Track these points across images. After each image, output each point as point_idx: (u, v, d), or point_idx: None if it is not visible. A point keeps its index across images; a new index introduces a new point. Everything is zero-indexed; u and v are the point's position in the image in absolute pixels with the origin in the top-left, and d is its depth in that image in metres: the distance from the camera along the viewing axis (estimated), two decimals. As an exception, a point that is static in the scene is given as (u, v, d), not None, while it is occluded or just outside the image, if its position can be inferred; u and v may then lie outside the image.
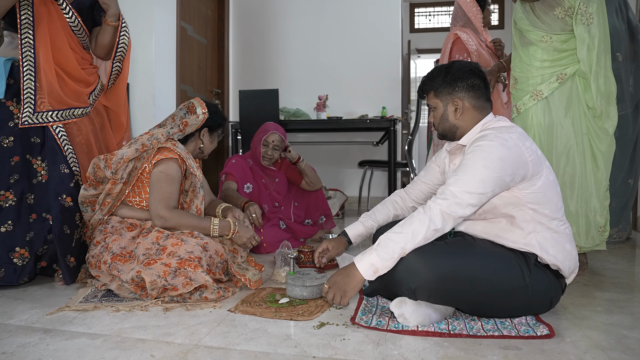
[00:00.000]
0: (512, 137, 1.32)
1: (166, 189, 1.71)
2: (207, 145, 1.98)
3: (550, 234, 1.34)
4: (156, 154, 1.74)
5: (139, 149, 1.73)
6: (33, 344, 1.20)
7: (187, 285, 1.50)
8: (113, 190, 1.76)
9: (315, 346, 1.18)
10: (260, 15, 4.72)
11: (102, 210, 1.76)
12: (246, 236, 1.81)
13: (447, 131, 1.50)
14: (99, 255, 1.65)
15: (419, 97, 1.63)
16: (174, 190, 1.73)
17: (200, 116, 1.86)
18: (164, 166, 1.73)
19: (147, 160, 1.74)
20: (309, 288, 1.53)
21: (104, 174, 1.75)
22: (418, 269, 1.27)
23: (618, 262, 2.20)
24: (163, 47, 3.65)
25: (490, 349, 1.16)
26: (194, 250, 1.56)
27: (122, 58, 2.02)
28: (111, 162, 1.73)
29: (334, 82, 4.52)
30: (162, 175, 1.72)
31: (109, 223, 1.75)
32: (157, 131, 1.78)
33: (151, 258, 1.54)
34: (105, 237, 1.70)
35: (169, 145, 1.76)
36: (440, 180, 1.64)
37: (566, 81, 1.97)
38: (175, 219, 1.69)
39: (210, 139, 1.99)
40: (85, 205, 1.80)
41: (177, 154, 1.75)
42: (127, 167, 1.76)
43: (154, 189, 1.72)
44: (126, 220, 1.77)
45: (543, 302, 1.35)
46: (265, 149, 2.49)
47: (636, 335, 1.26)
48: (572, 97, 1.97)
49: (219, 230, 1.76)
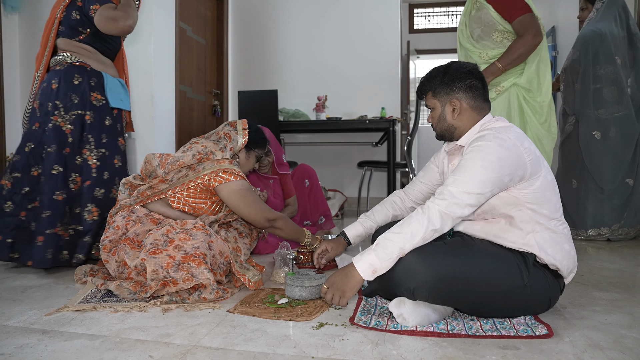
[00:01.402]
0: (510, 138, 1.32)
1: (257, 199, 1.85)
2: (242, 161, 2.03)
3: (548, 234, 1.34)
4: (220, 173, 1.78)
5: (195, 156, 1.82)
6: (31, 345, 1.19)
7: (188, 281, 1.50)
8: (158, 186, 1.83)
9: (314, 346, 1.18)
10: (259, 15, 4.72)
11: (137, 198, 1.82)
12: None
13: (445, 131, 1.50)
14: (117, 241, 1.70)
15: (417, 97, 1.63)
16: (259, 198, 1.91)
17: (238, 132, 1.97)
18: (237, 184, 1.79)
19: (206, 177, 1.78)
20: (308, 289, 1.53)
21: (153, 169, 1.86)
22: (417, 269, 1.27)
23: (617, 262, 2.20)
24: (162, 47, 3.65)
25: (489, 349, 1.16)
26: (201, 246, 1.58)
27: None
28: (166, 162, 1.83)
29: (334, 82, 4.52)
30: (244, 191, 1.81)
31: (134, 212, 1.79)
32: (209, 144, 1.85)
33: (157, 248, 1.57)
34: (127, 224, 1.75)
35: (228, 166, 1.81)
36: (439, 181, 1.65)
37: (504, 92, 2.29)
38: (282, 220, 1.88)
39: (247, 157, 2.05)
40: (126, 187, 1.89)
41: (241, 175, 1.83)
42: (181, 172, 1.82)
43: (248, 204, 1.81)
44: (152, 214, 1.81)
45: (542, 302, 1.35)
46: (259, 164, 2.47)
47: (634, 335, 1.26)
48: (510, 107, 2.29)
49: (312, 240, 1.98)
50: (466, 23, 2.42)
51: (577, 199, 2.83)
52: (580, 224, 2.80)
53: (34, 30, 3.75)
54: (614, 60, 2.69)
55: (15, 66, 3.79)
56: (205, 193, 1.84)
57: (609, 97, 2.70)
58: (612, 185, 2.71)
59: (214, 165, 1.81)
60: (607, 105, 2.70)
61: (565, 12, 4.39)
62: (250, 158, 2.07)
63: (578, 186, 2.83)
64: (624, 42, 2.75)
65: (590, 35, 2.73)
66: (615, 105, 2.69)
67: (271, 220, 1.85)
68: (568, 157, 2.92)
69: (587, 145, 2.75)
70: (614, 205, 2.73)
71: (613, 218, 2.73)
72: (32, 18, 3.76)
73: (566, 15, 4.36)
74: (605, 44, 2.69)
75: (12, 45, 3.77)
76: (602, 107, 2.71)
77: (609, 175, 2.71)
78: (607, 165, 2.71)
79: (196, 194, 1.84)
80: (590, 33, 2.74)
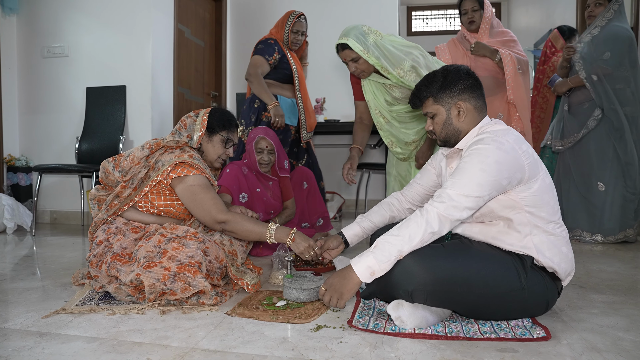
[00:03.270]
0: (508, 141, 1.32)
1: (209, 196, 1.70)
2: (207, 149, 1.88)
3: (546, 237, 1.34)
4: (176, 168, 1.69)
5: (144, 147, 1.75)
6: (28, 347, 1.19)
7: (186, 291, 1.49)
8: (122, 193, 1.76)
9: (312, 349, 1.18)
10: (257, 17, 4.72)
11: (107, 211, 1.76)
12: (304, 245, 1.67)
13: (451, 136, 1.47)
14: (101, 255, 1.64)
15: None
16: (215, 195, 1.73)
17: (197, 118, 1.84)
18: (191, 179, 1.70)
19: (163, 173, 1.70)
20: (306, 291, 1.53)
21: (114, 176, 1.78)
22: (415, 271, 1.27)
23: (614, 265, 2.21)
24: (161, 49, 3.65)
25: (486, 352, 1.16)
26: (195, 255, 1.55)
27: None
28: (119, 162, 1.76)
29: (332, 85, 4.52)
30: (195, 187, 1.70)
31: (113, 223, 1.75)
32: (167, 136, 1.80)
33: (151, 261, 1.53)
34: (108, 237, 1.69)
35: (186, 159, 1.71)
36: (436, 183, 1.64)
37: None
38: (234, 222, 1.69)
39: (211, 142, 1.87)
40: (94, 202, 1.84)
41: (199, 169, 1.72)
42: (140, 173, 1.74)
43: (197, 203, 1.70)
44: (131, 222, 1.77)
45: (539, 305, 1.36)
46: (260, 155, 2.46)
47: (632, 338, 1.26)
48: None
49: (276, 237, 1.69)
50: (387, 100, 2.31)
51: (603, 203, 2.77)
52: (608, 230, 2.77)
53: (32, 32, 3.75)
54: (636, 62, 2.71)
55: (13, 67, 3.78)
56: (170, 193, 1.76)
57: (630, 97, 2.72)
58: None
59: (171, 159, 1.70)
60: (630, 104, 2.73)
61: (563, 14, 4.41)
62: (214, 142, 1.87)
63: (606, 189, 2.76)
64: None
65: (623, 36, 2.71)
66: (636, 104, 2.72)
67: (220, 223, 1.69)
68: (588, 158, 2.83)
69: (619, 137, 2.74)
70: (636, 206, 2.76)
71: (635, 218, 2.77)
72: (30, 19, 3.75)
73: (564, 18, 4.38)
74: (633, 46, 2.71)
75: (10, 46, 3.76)
76: (626, 105, 2.73)
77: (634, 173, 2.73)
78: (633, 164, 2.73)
79: (160, 195, 1.76)
80: (623, 32, 2.71)
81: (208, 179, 1.76)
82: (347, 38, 2.13)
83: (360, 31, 2.15)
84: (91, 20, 3.64)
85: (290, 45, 2.99)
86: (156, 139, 1.79)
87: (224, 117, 1.89)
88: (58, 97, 3.75)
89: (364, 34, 2.14)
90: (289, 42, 2.98)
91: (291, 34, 2.95)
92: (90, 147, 3.52)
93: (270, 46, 2.88)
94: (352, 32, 2.13)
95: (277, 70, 2.93)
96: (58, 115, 3.76)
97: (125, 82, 3.58)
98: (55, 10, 3.68)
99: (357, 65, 2.19)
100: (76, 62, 3.69)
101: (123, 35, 3.58)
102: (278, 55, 2.89)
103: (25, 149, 3.86)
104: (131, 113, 3.58)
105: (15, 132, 3.84)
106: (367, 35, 2.15)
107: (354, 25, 2.18)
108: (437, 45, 2.97)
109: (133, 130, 3.58)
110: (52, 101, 3.77)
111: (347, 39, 2.13)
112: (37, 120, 3.81)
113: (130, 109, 3.58)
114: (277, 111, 2.76)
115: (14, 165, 3.69)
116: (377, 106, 2.32)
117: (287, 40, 2.97)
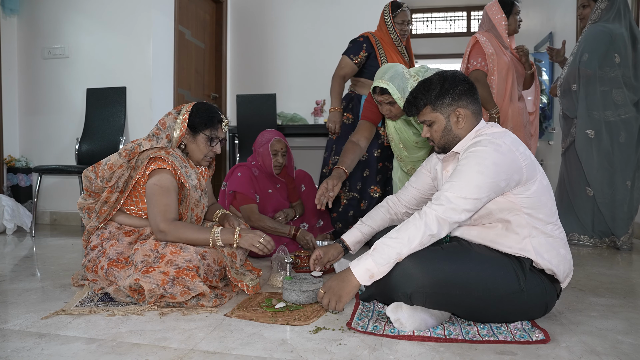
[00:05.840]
0: (505, 143, 1.33)
1: (162, 201, 1.63)
2: (191, 149, 1.78)
3: (545, 239, 1.34)
4: (149, 163, 1.66)
5: (121, 154, 1.70)
6: (27, 348, 1.19)
7: (185, 294, 1.49)
8: (109, 198, 1.74)
9: (311, 351, 1.18)
10: (258, 20, 4.73)
11: (98, 218, 1.75)
12: (251, 237, 1.64)
13: (450, 143, 1.46)
14: (95, 260, 1.64)
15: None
16: (170, 202, 1.65)
17: (179, 117, 1.76)
18: (157, 177, 1.65)
19: (141, 170, 1.67)
20: (305, 293, 1.53)
21: (98, 184, 1.75)
22: (414, 274, 1.28)
23: (613, 268, 2.21)
24: (161, 50, 3.66)
25: (485, 354, 1.16)
26: (192, 259, 1.54)
27: None
28: (98, 170, 1.73)
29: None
30: (156, 187, 1.64)
31: (106, 228, 1.73)
32: (141, 139, 1.74)
33: (149, 266, 1.52)
34: (102, 241, 1.69)
35: (162, 154, 1.66)
36: (430, 186, 1.64)
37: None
38: (173, 232, 1.61)
39: (196, 142, 1.77)
40: (84, 212, 1.81)
41: (170, 164, 1.66)
42: (123, 175, 1.71)
43: (151, 203, 1.64)
44: (124, 227, 1.75)
45: (538, 307, 1.36)
46: (275, 157, 2.45)
47: (631, 341, 1.27)
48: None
49: (222, 240, 1.63)
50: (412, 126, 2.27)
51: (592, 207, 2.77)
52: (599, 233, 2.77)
53: (32, 33, 3.76)
54: (623, 62, 2.63)
55: (13, 68, 3.79)
56: None
57: (618, 99, 2.65)
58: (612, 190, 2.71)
59: (148, 155, 1.66)
60: (614, 108, 2.66)
61: (563, 18, 4.41)
62: (199, 142, 1.76)
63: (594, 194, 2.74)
64: (628, 43, 2.67)
65: (600, 36, 2.64)
66: (622, 107, 2.65)
67: (161, 232, 1.61)
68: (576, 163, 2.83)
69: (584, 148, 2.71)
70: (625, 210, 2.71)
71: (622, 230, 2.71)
72: (31, 21, 3.75)
73: (564, 21, 4.38)
74: (615, 44, 2.62)
75: (11, 47, 3.77)
76: (609, 109, 2.67)
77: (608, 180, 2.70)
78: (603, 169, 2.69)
79: (144, 197, 1.71)
80: (600, 33, 2.65)
81: (178, 178, 1.70)
82: (388, 83, 2.02)
83: (402, 77, 2.04)
84: (91, 22, 3.64)
85: (400, 38, 2.86)
86: (133, 143, 1.72)
87: (207, 115, 1.77)
88: (58, 98, 3.76)
89: (405, 80, 2.04)
90: (397, 35, 2.84)
91: (396, 25, 2.83)
92: (91, 148, 3.52)
93: (357, 44, 2.82)
94: (394, 78, 2.02)
95: (367, 69, 2.82)
96: (58, 116, 3.76)
97: (126, 84, 3.58)
98: (56, 12, 3.69)
99: (391, 108, 2.11)
100: (76, 63, 3.70)
101: (123, 36, 3.58)
102: (365, 53, 2.80)
103: (25, 150, 3.86)
104: (131, 114, 3.59)
105: (15, 133, 3.84)
106: (407, 81, 2.04)
107: (395, 69, 2.07)
108: (475, 34, 2.84)
109: (133, 132, 3.58)
110: (52, 102, 3.77)
111: (387, 84, 2.02)
112: (37, 121, 3.82)
113: (130, 110, 3.59)
114: (332, 116, 2.81)
115: (14, 166, 3.69)
116: (402, 140, 2.31)
117: (395, 34, 2.84)
